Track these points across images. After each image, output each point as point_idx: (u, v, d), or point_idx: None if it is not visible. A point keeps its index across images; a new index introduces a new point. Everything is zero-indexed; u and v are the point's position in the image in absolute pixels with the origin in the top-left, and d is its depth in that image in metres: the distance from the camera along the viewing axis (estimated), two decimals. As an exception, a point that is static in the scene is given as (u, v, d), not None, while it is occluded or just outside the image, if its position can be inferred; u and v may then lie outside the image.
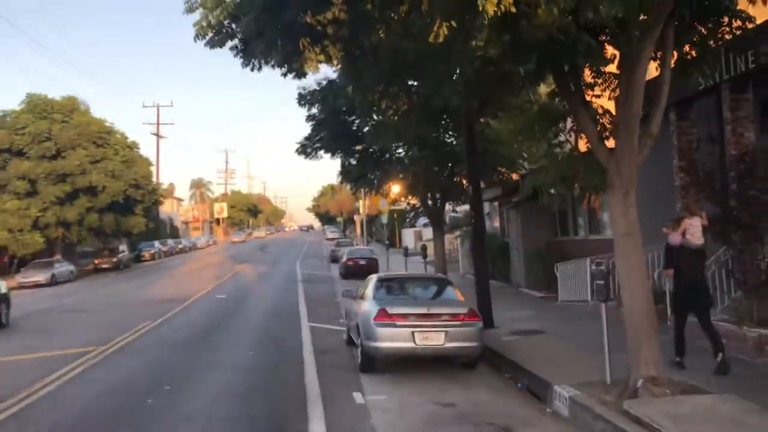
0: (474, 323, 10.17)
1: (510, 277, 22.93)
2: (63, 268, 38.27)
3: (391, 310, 10.08)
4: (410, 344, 9.85)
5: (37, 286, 34.12)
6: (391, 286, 11.73)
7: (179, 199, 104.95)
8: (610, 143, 8.11)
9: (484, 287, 13.96)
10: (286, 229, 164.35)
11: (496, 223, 28.39)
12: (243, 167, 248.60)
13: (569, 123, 9.38)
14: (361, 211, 55.65)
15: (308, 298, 22.31)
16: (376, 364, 10.46)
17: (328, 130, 20.90)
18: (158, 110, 66.42)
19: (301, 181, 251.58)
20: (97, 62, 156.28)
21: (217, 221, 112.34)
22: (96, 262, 46.25)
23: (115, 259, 46.38)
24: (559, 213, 20.65)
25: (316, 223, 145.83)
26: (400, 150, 21.69)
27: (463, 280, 26.14)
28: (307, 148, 22.26)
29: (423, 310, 10.15)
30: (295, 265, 40.57)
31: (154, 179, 50.14)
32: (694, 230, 9.13)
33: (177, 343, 13.67)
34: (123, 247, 50.67)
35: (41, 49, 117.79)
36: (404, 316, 10.02)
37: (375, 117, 14.61)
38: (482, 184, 24.59)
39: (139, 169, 43.90)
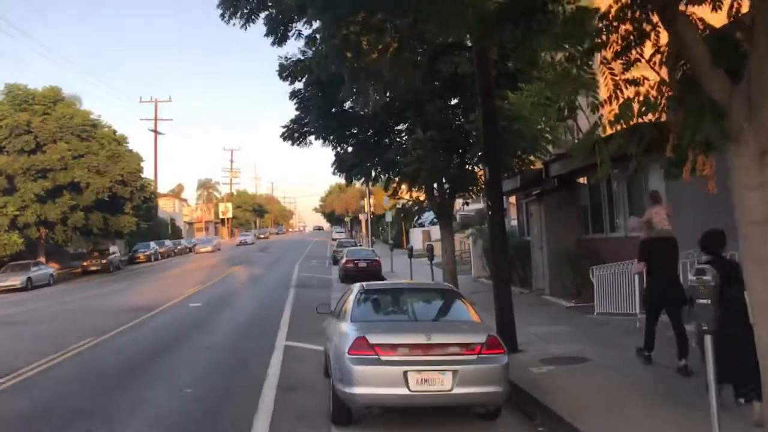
0: (496, 357, 6.91)
1: (531, 281, 19.63)
2: (41, 271, 35.40)
3: (374, 339, 6.85)
4: (402, 390, 6.62)
5: (10, 290, 31.23)
6: (378, 302, 8.49)
7: (183, 199, 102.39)
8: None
9: (505, 296, 10.65)
10: (295, 229, 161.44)
11: (513, 221, 25.12)
12: (250, 168, 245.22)
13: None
14: (366, 209, 52.48)
15: (296, 307, 19.12)
16: (354, 415, 7.26)
17: (316, 110, 17.72)
18: (156, 105, 63.95)
19: (310, 181, 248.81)
20: (92, 57, 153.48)
21: (222, 222, 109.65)
22: (84, 264, 43.45)
23: (104, 261, 43.44)
24: (592, 205, 17.35)
25: (326, 224, 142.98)
26: (400, 127, 18.53)
27: (475, 284, 22.94)
28: (294, 133, 19.09)
29: (421, 339, 6.87)
30: (293, 268, 37.40)
31: (145, 176, 47.16)
32: (659, 218, 8.98)
33: (102, 374, 10.49)
34: (114, 248, 47.71)
35: (36, 46, 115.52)
36: (393, 347, 6.80)
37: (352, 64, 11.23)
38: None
39: (126, 165, 40.86)
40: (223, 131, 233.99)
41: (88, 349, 12.84)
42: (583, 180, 17.70)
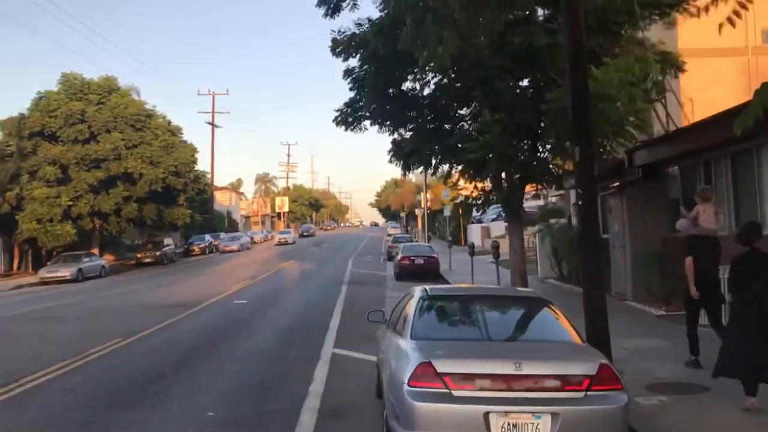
0: (612, 396, 5.01)
1: (609, 285, 17.48)
2: (93, 262, 34.78)
3: (444, 365, 5.08)
4: (482, 439, 4.86)
5: (62, 281, 30.69)
6: (447, 312, 6.68)
7: (240, 193, 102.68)
8: None
9: (598, 305, 8.65)
10: (349, 225, 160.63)
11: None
12: (307, 162, 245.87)
13: None
14: (422, 203, 50.62)
15: (347, 306, 17.54)
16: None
17: (372, 90, 16.01)
18: (213, 98, 63.26)
19: (366, 176, 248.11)
20: (153, 49, 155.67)
21: (279, 215, 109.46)
22: (138, 255, 43.04)
23: (158, 253, 42.88)
24: (684, 199, 15.13)
25: (381, 220, 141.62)
26: (464, 112, 16.69)
27: (543, 286, 20.90)
28: (347, 117, 17.41)
29: (508, 367, 5.04)
30: (347, 264, 35.89)
31: (200, 168, 46.57)
32: (706, 216, 8.90)
33: (113, 388, 8.98)
34: (168, 240, 47.16)
35: (97, 38, 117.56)
36: (469, 378, 5.01)
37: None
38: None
39: (179, 156, 40.10)
40: (281, 125, 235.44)
41: (111, 353, 11.46)
42: (673, 169, 15.57)
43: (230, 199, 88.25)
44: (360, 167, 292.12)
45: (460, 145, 15.50)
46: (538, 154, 15.63)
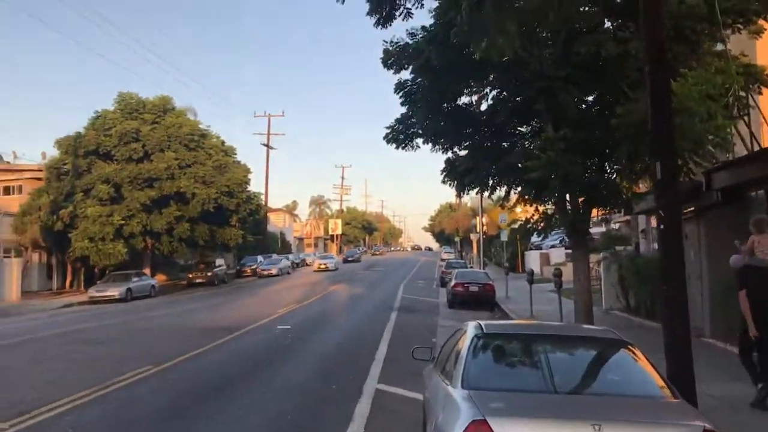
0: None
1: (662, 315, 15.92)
2: (142, 282, 34.58)
3: (501, 425, 3.98)
4: None
5: (110, 300, 30.47)
6: (505, 355, 5.57)
7: (294, 215, 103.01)
8: None
9: (682, 347, 7.31)
10: (401, 249, 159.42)
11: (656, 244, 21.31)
12: (361, 185, 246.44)
13: None
14: (477, 228, 49.21)
15: (396, 335, 16.43)
16: None
17: (425, 105, 15.02)
18: (269, 120, 63.51)
19: (419, 200, 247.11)
20: (207, 70, 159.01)
21: (332, 238, 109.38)
22: (189, 276, 42.90)
23: (209, 274, 42.61)
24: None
25: (435, 244, 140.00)
26: (523, 129, 15.57)
27: (608, 318, 19.38)
28: (399, 135, 16.42)
29: (584, 430, 3.94)
30: (398, 289, 34.75)
31: (254, 189, 46.37)
32: (762, 247, 8.52)
33: (133, 421, 8.13)
34: (220, 260, 46.99)
35: (156, 60, 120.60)
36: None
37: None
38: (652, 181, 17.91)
39: (232, 176, 39.90)
40: (336, 147, 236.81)
41: (137, 381, 10.63)
42: (758, 193, 14.04)
43: (284, 221, 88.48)
44: (415, 191, 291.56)
45: (519, 164, 14.34)
46: (606, 174, 14.32)
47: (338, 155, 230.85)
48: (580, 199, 14.41)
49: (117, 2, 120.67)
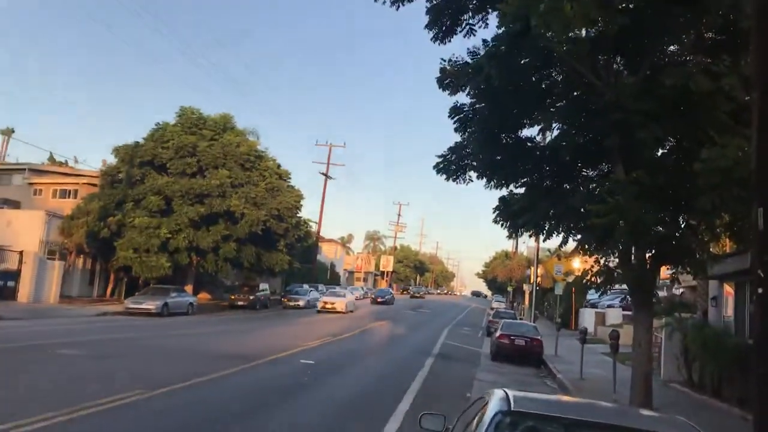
0: None
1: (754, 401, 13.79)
2: (181, 298, 33.69)
3: None
4: None
5: (146, 314, 29.62)
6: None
7: (347, 247, 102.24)
8: None
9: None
10: (456, 293, 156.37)
11: (729, 311, 19.08)
12: (417, 224, 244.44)
13: None
14: (531, 279, 47.00)
15: (427, 385, 14.79)
16: None
17: (480, 133, 13.55)
18: (330, 149, 63.11)
19: (476, 245, 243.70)
20: (273, 93, 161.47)
21: (382, 274, 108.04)
22: (231, 297, 42.09)
23: (251, 297, 41.63)
24: None
25: (487, 292, 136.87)
26: (590, 171, 13.91)
27: (666, 392, 17.24)
28: (450, 165, 14.93)
29: None
30: (440, 333, 32.96)
31: (306, 215, 45.52)
32: None
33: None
34: (264, 285, 46.00)
35: (222, 78, 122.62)
36: None
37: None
38: (720, 246, 15.89)
39: (283, 199, 39.06)
40: (395, 183, 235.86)
41: (113, 409, 9.23)
42: None
43: (335, 252, 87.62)
44: (472, 236, 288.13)
45: (582, 209, 12.67)
46: (681, 228, 12.48)
47: (396, 191, 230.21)
48: (648, 254, 12.60)
49: (191, 20, 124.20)
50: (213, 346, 18.46)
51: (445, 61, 12.94)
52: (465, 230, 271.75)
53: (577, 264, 19.68)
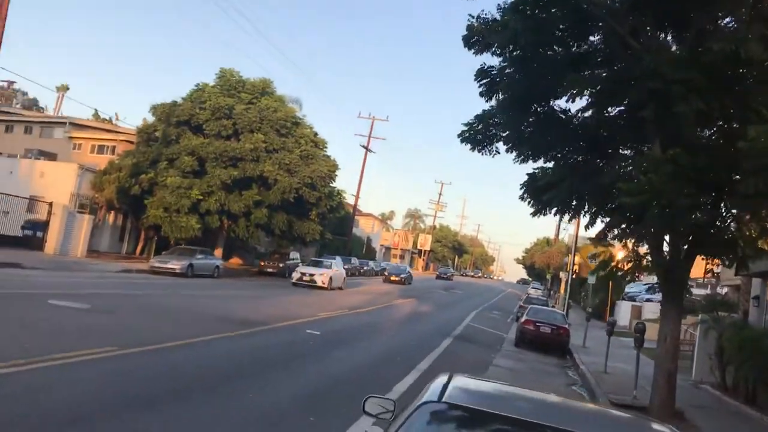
0: None
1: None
2: (207, 260, 33.30)
3: None
4: None
5: (170, 273, 29.37)
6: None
7: (385, 222, 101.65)
8: None
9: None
10: (492, 277, 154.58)
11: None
12: (458, 205, 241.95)
13: None
14: (568, 266, 45.48)
15: (435, 366, 13.87)
16: None
17: (508, 99, 12.46)
18: (372, 122, 62.12)
19: (518, 231, 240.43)
20: (318, 64, 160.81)
21: (420, 253, 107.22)
22: (261, 263, 41.82)
23: (281, 265, 41.20)
24: None
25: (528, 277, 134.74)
26: (627, 151, 12.75)
27: (697, 393, 16.10)
28: (476, 134, 13.87)
29: None
30: (467, 315, 32.01)
31: (339, 186, 44.77)
32: None
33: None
34: (295, 254, 45.58)
35: (268, 46, 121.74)
36: None
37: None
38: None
39: (317, 168, 38.32)
40: (437, 162, 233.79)
41: (67, 365, 8.52)
42: None
43: (372, 227, 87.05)
44: (514, 221, 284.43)
45: (613, 189, 11.55)
46: (723, 216, 11.27)
47: (439, 170, 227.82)
48: (683, 242, 11.44)
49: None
50: (223, 310, 17.86)
51: (473, 17, 11.89)
52: (507, 214, 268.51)
53: (621, 255, 18.39)
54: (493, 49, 11.68)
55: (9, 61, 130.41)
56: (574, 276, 43.85)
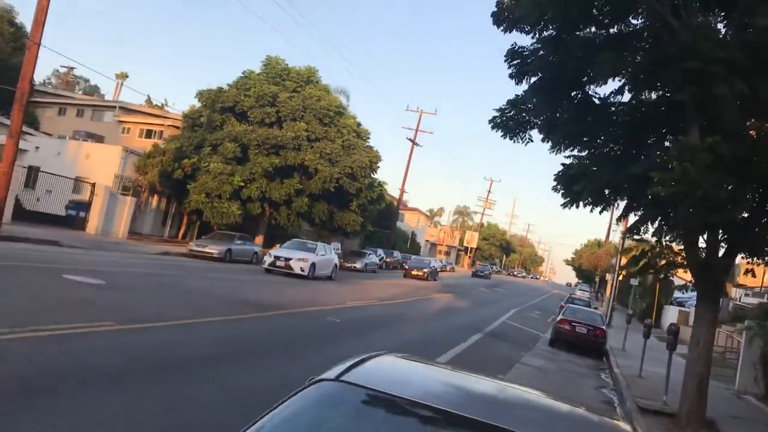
0: None
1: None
2: (245, 246, 33.14)
3: None
4: None
5: (208, 258, 29.40)
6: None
7: (430, 218, 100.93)
8: None
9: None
10: (539, 278, 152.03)
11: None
12: (508, 203, 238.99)
13: None
14: (616, 267, 44.01)
15: (454, 362, 13.36)
16: None
17: (540, 80, 11.77)
18: (420, 115, 61.46)
19: (571, 232, 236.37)
20: (367, 56, 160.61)
21: (466, 250, 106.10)
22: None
23: (321, 254, 41.01)
24: None
25: (576, 280, 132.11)
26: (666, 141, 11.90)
27: (739, 404, 15.12)
28: (509, 121, 13.19)
29: None
30: (506, 313, 31.21)
31: (381, 177, 44.41)
32: None
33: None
34: (336, 244, 45.34)
35: (318, 36, 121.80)
36: None
37: None
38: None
39: (358, 158, 37.98)
40: (488, 159, 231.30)
41: (64, 336, 8.30)
42: None
43: (417, 222, 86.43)
44: (567, 222, 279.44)
45: (649, 174, 10.75)
46: (766, 210, 10.36)
47: (488, 167, 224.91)
48: (720, 238, 10.59)
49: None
50: (243, 293, 17.58)
51: (499, -1, 11.24)
52: (559, 214, 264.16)
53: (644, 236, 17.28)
54: (523, 26, 11.00)
55: (71, 48, 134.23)
56: (620, 278, 42.35)
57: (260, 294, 18.27)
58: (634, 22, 11.52)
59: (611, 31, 11.62)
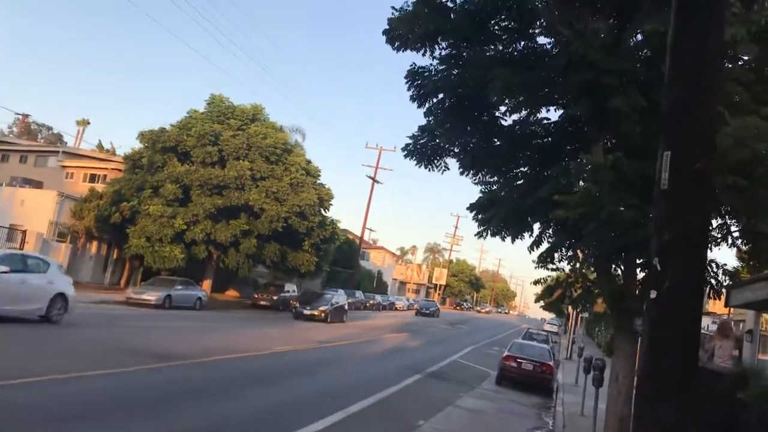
0: None
1: None
2: (188, 291, 31.77)
3: None
4: None
5: (146, 305, 27.98)
6: None
7: (398, 257, 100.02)
8: None
9: None
10: (508, 312, 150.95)
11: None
12: (475, 239, 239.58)
13: None
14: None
15: (367, 411, 12.25)
16: None
17: (444, 94, 10.94)
18: (380, 153, 60.99)
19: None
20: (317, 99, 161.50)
21: (435, 287, 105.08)
22: (255, 296, 40.24)
23: (275, 298, 39.64)
24: None
25: (547, 314, 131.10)
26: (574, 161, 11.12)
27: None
28: (422, 148, 12.35)
29: None
30: (460, 351, 30.16)
31: (334, 216, 43.40)
32: (722, 353, 9.06)
33: None
34: (291, 286, 44.08)
35: (268, 77, 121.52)
36: None
37: None
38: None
39: (306, 196, 36.93)
40: (451, 193, 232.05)
41: None
42: None
43: (384, 260, 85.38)
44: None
45: (552, 199, 9.95)
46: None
47: (453, 203, 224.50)
48: (634, 264, 9.76)
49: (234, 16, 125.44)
50: (157, 342, 16.26)
51: (396, 10, 10.49)
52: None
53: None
54: (415, 44, 10.22)
55: (30, 96, 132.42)
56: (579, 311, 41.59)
57: (178, 343, 17.02)
58: (541, 41, 10.84)
59: (518, 47, 10.93)
